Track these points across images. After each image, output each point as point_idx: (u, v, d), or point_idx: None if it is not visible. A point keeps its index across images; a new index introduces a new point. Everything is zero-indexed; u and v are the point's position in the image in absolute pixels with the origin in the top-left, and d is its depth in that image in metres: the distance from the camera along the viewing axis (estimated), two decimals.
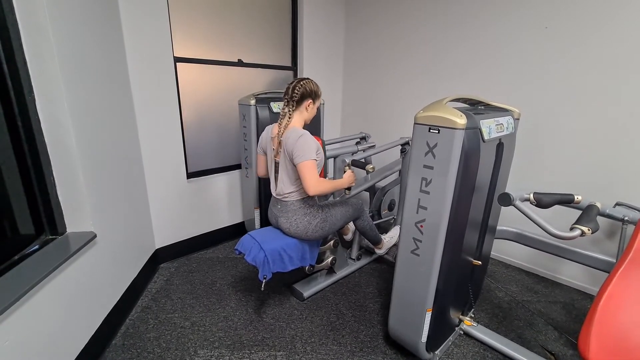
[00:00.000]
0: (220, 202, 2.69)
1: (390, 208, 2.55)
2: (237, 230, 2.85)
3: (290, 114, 1.67)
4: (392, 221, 2.64)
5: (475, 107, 1.65)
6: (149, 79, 2.08)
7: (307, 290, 2.07)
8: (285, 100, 1.70)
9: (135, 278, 1.99)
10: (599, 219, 1.34)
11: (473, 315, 1.90)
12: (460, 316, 1.74)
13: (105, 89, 1.71)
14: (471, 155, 1.23)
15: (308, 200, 1.75)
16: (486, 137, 1.28)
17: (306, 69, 3.02)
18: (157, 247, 2.37)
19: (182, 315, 1.89)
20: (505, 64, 2.30)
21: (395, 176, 2.64)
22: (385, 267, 2.45)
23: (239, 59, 2.63)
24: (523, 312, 1.99)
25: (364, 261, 2.45)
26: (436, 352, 1.59)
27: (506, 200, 1.28)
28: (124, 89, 1.94)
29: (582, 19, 1.96)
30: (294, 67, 3.05)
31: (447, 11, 2.52)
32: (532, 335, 1.80)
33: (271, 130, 1.78)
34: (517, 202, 1.28)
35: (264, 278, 1.66)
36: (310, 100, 1.71)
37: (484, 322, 1.88)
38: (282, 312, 1.95)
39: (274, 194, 1.81)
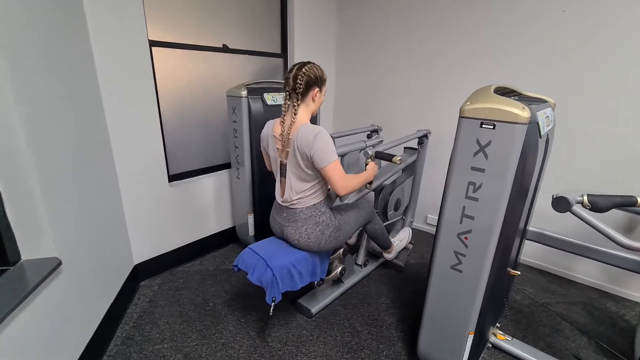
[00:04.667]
0: (208, 206, 2.39)
1: (396, 208, 2.36)
2: (227, 237, 2.56)
3: (295, 109, 1.41)
4: (400, 223, 2.45)
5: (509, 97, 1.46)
6: (118, 66, 1.74)
7: (315, 306, 1.84)
8: (287, 92, 1.42)
9: (112, 304, 1.68)
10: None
11: (499, 325, 1.76)
12: (493, 329, 1.58)
13: (64, 80, 1.37)
14: (530, 155, 1.03)
15: (320, 206, 1.51)
16: (542, 131, 1.10)
17: (297, 56, 2.74)
18: (136, 262, 2.05)
19: (173, 345, 1.61)
20: (516, 55, 2.14)
21: (398, 174, 2.45)
22: (393, 272, 2.27)
23: (223, 45, 2.32)
24: (546, 316, 1.88)
25: (370, 267, 2.25)
26: None
27: (563, 205, 1.11)
28: (89, 79, 1.60)
29: (603, 2, 1.82)
30: (284, 54, 2.76)
31: None
32: (562, 343, 1.68)
33: (272, 127, 1.51)
34: (575, 207, 1.11)
35: (273, 301, 1.42)
36: (317, 89, 1.44)
37: (508, 330, 1.74)
38: (289, 333, 1.71)
39: (279, 200, 1.56)
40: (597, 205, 1.16)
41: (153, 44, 1.93)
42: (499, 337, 1.56)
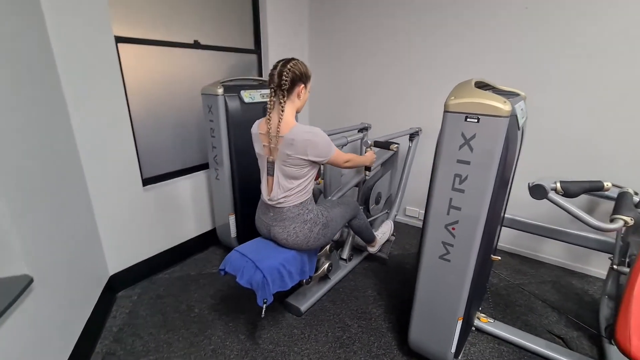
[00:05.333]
0: (186, 209, 2.30)
1: (377, 202, 2.40)
2: (208, 240, 2.49)
3: (282, 106, 1.39)
4: (385, 216, 2.50)
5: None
6: (82, 65, 1.61)
7: (304, 304, 1.84)
8: (272, 89, 1.41)
9: (89, 318, 1.58)
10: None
11: (481, 308, 1.85)
12: (477, 313, 1.66)
13: (23, 81, 1.26)
14: (511, 146, 1.09)
15: (307, 204, 1.51)
16: (520, 123, 1.15)
17: (271, 51, 2.69)
18: (112, 273, 1.94)
19: (159, 357, 1.55)
20: (485, 49, 2.24)
21: (377, 168, 2.49)
22: (377, 264, 2.31)
23: (195, 40, 2.22)
24: (521, 296, 2.00)
25: (355, 261, 2.28)
26: (459, 357, 1.49)
27: (540, 192, 1.18)
28: (50, 79, 1.47)
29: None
30: (257, 49, 2.70)
31: None
32: (537, 320, 1.80)
33: (258, 126, 1.48)
34: (551, 194, 1.18)
35: (264, 303, 1.40)
36: (302, 85, 1.44)
37: (488, 312, 1.84)
38: (280, 333, 1.70)
39: (265, 199, 1.53)
40: (569, 191, 1.24)
41: (119, 40, 1.81)
42: (482, 320, 1.65)
